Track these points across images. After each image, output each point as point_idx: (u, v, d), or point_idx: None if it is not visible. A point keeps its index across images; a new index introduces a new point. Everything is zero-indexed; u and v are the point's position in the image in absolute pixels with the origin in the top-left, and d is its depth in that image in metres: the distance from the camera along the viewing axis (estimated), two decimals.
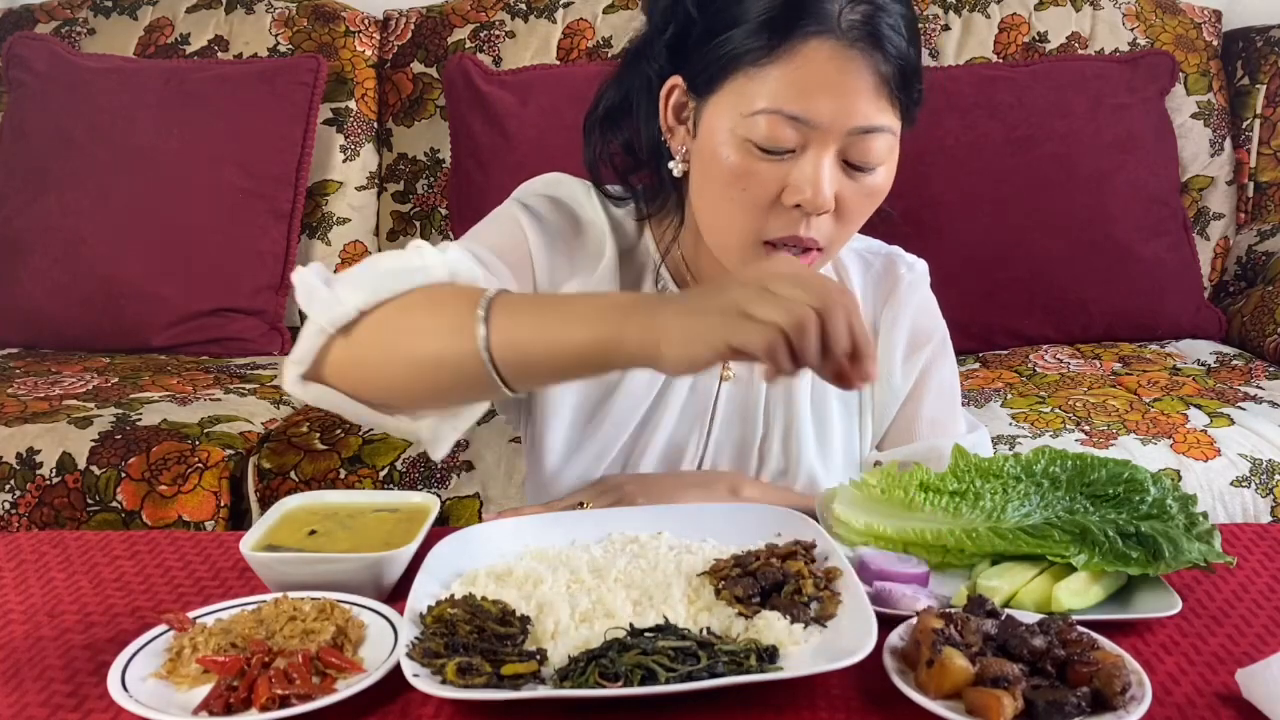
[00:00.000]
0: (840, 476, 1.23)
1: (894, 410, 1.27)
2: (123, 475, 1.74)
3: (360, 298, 0.97)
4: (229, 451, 1.80)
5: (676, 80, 1.10)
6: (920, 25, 2.43)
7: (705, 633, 0.85)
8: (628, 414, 1.21)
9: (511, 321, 0.92)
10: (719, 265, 1.14)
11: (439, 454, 1.05)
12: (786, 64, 1.02)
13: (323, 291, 0.99)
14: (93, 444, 1.77)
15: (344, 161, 2.51)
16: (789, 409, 1.23)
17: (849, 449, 1.26)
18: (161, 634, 0.87)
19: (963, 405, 1.32)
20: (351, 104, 2.52)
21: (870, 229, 1.16)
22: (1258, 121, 2.56)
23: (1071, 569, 0.95)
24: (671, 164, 1.13)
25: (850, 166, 1.05)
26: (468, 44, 2.52)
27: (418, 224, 2.52)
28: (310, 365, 1.00)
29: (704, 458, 1.23)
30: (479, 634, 0.84)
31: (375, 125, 2.57)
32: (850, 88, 1.02)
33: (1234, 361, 2.18)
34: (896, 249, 1.32)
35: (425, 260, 1.00)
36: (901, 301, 1.26)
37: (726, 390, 1.23)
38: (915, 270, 1.29)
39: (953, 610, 0.86)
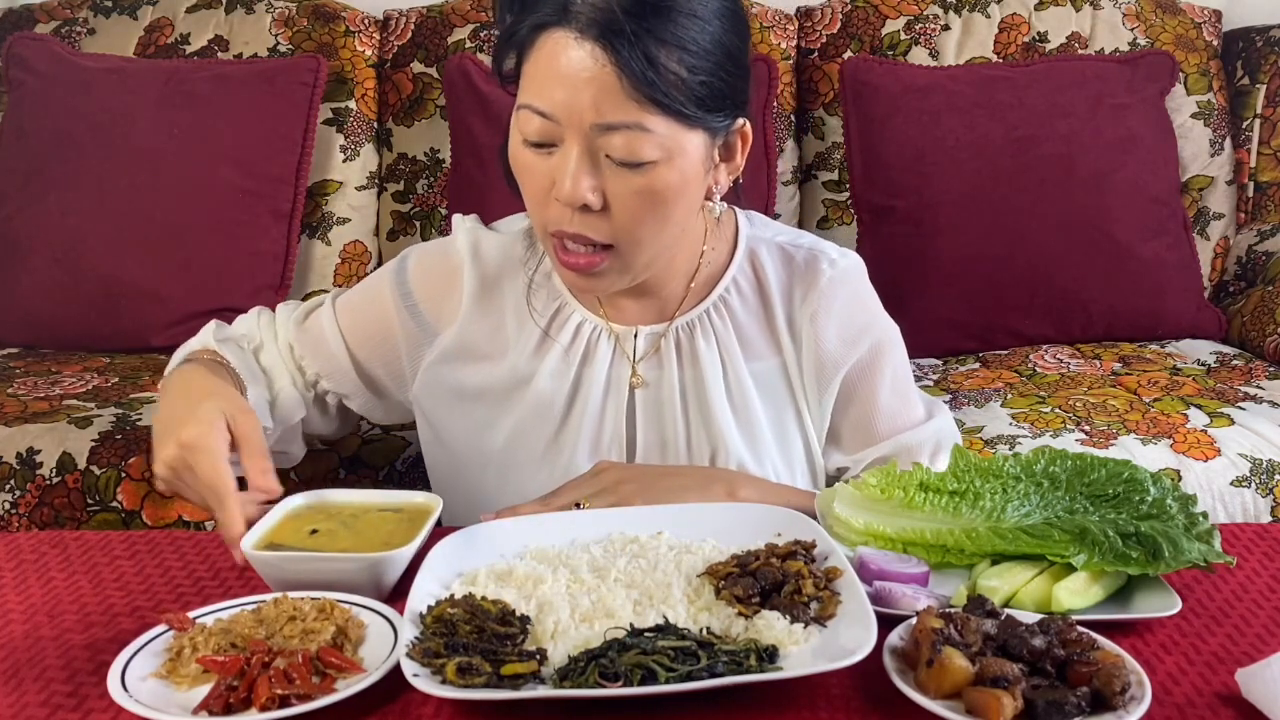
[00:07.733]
0: (776, 464, 1.24)
1: (832, 399, 1.25)
2: (123, 475, 1.74)
3: (177, 359, 1.31)
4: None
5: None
6: (921, 25, 2.46)
7: (705, 633, 0.85)
8: (533, 429, 1.23)
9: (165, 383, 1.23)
10: None
11: None
12: (536, 58, 1.03)
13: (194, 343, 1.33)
14: (93, 444, 1.76)
15: (344, 161, 2.51)
16: (703, 403, 1.23)
17: (783, 437, 1.26)
18: (161, 634, 0.87)
19: (962, 405, 1.31)
20: (351, 104, 2.52)
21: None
22: (1258, 121, 2.56)
23: (1071, 569, 0.95)
24: None
25: (615, 162, 1.04)
26: (468, 44, 2.52)
27: (418, 224, 2.52)
28: None
29: (634, 459, 1.24)
30: (479, 634, 0.84)
31: (375, 125, 2.56)
32: (579, 81, 1.00)
33: (1234, 361, 2.18)
34: (824, 244, 1.29)
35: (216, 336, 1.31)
36: (821, 297, 1.24)
37: (641, 395, 1.24)
38: (838, 266, 1.25)
39: (953, 610, 0.86)
